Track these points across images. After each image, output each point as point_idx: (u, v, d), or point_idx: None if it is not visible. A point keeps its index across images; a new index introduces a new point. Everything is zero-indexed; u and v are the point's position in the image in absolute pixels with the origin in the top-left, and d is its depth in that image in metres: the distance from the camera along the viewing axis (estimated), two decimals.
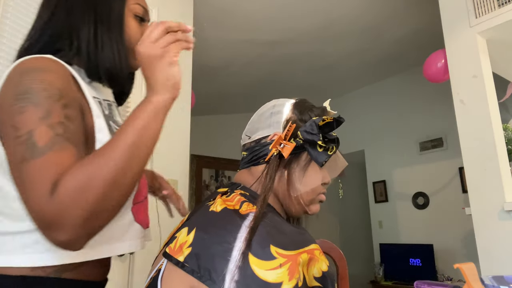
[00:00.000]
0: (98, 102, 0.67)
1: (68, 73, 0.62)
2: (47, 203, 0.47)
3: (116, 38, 0.69)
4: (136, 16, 0.74)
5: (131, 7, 0.73)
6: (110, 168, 0.50)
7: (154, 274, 0.60)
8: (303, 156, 0.69)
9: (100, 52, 0.67)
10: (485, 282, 0.64)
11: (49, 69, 0.59)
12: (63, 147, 0.52)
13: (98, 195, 0.49)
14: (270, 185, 0.64)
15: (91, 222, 0.49)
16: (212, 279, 0.51)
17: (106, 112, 0.68)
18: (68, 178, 0.48)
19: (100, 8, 0.69)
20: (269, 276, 0.51)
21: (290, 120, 0.70)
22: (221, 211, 0.60)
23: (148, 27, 0.62)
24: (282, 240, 0.55)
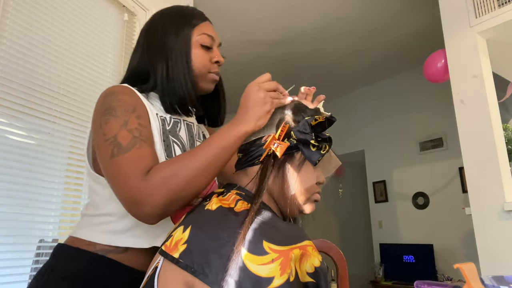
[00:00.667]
0: (162, 119, 0.81)
1: (136, 95, 0.78)
2: (139, 185, 0.63)
3: (184, 72, 0.82)
4: (203, 46, 0.85)
5: (197, 39, 0.84)
6: (193, 168, 0.65)
7: (151, 272, 0.61)
8: (297, 156, 0.70)
9: (171, 88, 0.81)
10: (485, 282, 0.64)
11: (124, 92, 0.76)
12: (142, 146, 0.68)
13: (179, 185, 0.64)
14: (264, 184, 0.65)
15: (168, 205, 0.64)
16: (205, 273, 0.52)
17: (168, 128, 0.82)
18: (160, 168, 0.64)
19: (169, 48, 0.83)
20: (261, 270, 0.52)
21: (283, 120, 0.71)
22: (216, 209, 0.61)
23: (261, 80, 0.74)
24: (275, 236, 0.56)
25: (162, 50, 0.82)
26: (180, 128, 0.84)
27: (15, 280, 1.33)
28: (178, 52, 0.82)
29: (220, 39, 0.91)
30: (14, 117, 1.37)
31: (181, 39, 0.83)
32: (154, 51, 0.83)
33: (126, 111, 0.72)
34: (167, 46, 0.82)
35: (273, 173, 0.68)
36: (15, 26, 1.40)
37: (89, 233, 0.76)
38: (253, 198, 0.63)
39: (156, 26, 0.86)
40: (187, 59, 0.82)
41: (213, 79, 0.87)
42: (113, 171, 0.66)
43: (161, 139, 0.78)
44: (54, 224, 1.48)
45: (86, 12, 1.69)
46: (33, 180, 1.41)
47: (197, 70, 0.83)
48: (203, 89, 0.87)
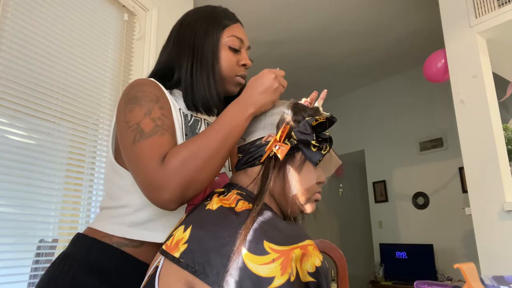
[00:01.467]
0: (184, 115, 0.82)
1: (161, 89, 0.79)
2: (158, 169, 0.64)
3: (208, 72, 0.82)
4: (231, 48, 0.85)
5: (226, 40, 0.85)
6: (208, 149, 0.67)
7: (152, 272, 0.61)
8: (297, 156, 0.70)
9: (195, 86, 0.81)
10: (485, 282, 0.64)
11: (149, 84, 0.78)
12: (163, 133, 0.69)
13: (196, 167, 0.65)
14: (267, 186, 0.65)
15: (186, 188, 0.64)
16: (206, 273, 0.52)
17: (189, 124, 0.83)
18: (175, 152, 0.65)
19: (197, 47, 0.83)
20: (262, 270, 0.52)
21: (284, 121, 0.71)
22: (217, 209, 0.61)
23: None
24: (275, 235, 0.56)
25: (190, 48, 0.83)
26: (200, 127, 0.85)
27: (15, 280, 1.33)
28: (205, 51, 0.82)
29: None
30: (14, 117, 1.37)
31: (210, 39, 0.83)
32: (182, 48, 0.84)
33: (150, 100, 0.73)
34: (195, 44, 0.83)
35: (274, 174, 0.68)
36: (15, 26, 1.40)
37: (105, 225, 0.77)
38: (255, 199, 0.62)
39: (188, 23, 0.87)
40: (213, 59, 0.82)
41: (239, 82, 0.87)
42: (134, 156, 0.67)
43: (182, 133, 0.78)
44: (54, 224, 1.48)
45: (86, 12, 1.69)
46: (33, 180, 1.41)
47: (224, 72, 0.84)
48: (228, 91, 0.87)
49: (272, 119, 0.72)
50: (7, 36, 1.37)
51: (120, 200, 0.77)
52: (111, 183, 0.80)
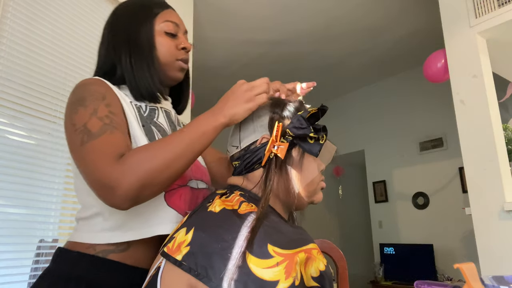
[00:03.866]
0: (137, 107, 0.80)
1: (107, 86, 0.76)
2: (111, 166, 0.61)
3: (148, 62, 0.80)
4: (167, 33, 0.83)
5: (161, 26, 0.83)
6: (169, 152, 0.64)
7: (153, 272, 0.61)
8: (295, 152, 0.70)
9: (137, 78, 0.80)
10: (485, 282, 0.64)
11: (93, 83, 0.75)
12: (113, 132, 0.67)
13: (155, 168, 0.62)
14: (271, 187, 0.65)
15: (142, 188, 0.62)
16: (209, 276, 0.52)
17: (145, 115, 0.80)
18: (135, 151, 0.64)
19: (132, 39, 0.81)
20: (266, 274, 0.51)
21: (275, 120, 0.70)
22: (220, 211, 0.60)
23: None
24: (279, 239, 0.56)
25: (125, 41, 0.81)
26: (158, 115, 0.83)
27: (15, 280, 1.33)
28: (141, 41, 0.81)
29: (220, 39, 0.91)
30: (14, 117, 1.37)
31: (144, 28, 0.81)
32: (117, 42, 0.82)
33: (95, 99, 0.70)
34: (130, 36, 0.81)
35: (276, 175, 0.67)
36: (15, 26, 1.40)
37: (86, 235, 0.73)
38: (261, 202, 0.62)
39: (119, 17, 0.85)
40: (150, 48, 0.81)
41: (181, 67, 0.85)
42: (83, 158, 0.65)
43: (139, 125, 0.76)
44: (54, 224, 1.48)
45: (86, 12, 1.69)
46: (33, 180, 1.41)
47: (164, 58, 0.82)
48: (172, 77, 0.85)
49: (261, 120, 0.71)
50: (7, 36, 1.37)
51: (94, 207, 0.74)
52: (81, 192, 0.77)
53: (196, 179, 0.83)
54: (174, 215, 0.74)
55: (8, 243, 1.35)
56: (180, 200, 0.76)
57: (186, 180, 0.79)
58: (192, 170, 0.83)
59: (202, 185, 0.84)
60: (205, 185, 0.86)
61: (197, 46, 3.14)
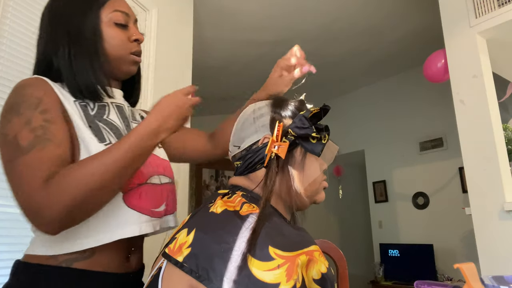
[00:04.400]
0: (83, 105, 0.74)
1: (48, 86, 0.70)
2: (40, 189, 0.57)
3: (91, 55, 0.73)
4: (117, 24, 0.76)
5: (109, 17, 0.76)
6: (104, 173, 0.59)
7: (155, 272, 0.60)
8: (297, 152, 0.70)
9: (76, 73, 0.73)
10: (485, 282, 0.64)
11: (31, 84, 0.69)
12: (45, 146, 0.61)
13: (86, 192, 0.58)
14: (272, 187, 0.64)
15: (72, 214, 0.58)
16: (210, 278, 0.51)
17: (92, 113, 0.74)
18: (65, 172, 0.58)
19: (74, 30, 0.74)
20: (267, 277, 0.51)
21: (275, 120, 0.70)
22: (221, 213, 0.60)
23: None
24: (281, 241, 0.55)
25: (65, 32, 0.74)
26: (109, 112, 0.77)
27: None
28: (85, 32, 0.73)
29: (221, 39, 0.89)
30: None
31: (89, 18, 0.74)
32: (57, 34, 0.74)
33: (29, 107, 0.64)
34: (72, 27, 0.73)
35: (278, 175, 0.67)
36: (15, 26, 1.40)
37: (44, 246, 0.67)
38: (262, 203, 0.61)
39: (59, 5, 0.77)
40: (96, 39, 0.74)
41: (135, 61, 0.80)
42: (11, 176, 0.61)
43: (86, 125, 0.70)
44: None
45: None
46: None
47: (115, 52, 0.76)
48: (125, 72, 0.80)
49: (262, 120, 0.71)
50: (7, 36, 1.37)
51: None
52: None
53: (158, 174, 0.78)
54: (136, 216, 0.71)
55: (8, 243, 1.35)
56: (140, 199, 0.72)
57: (146, 177, 0.75)
58: (152, 165, 0.78)
59: (165, 179, 0.80)
60: (169, 179, 0.82)
61: (197, 46, 3.14)
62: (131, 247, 0.76)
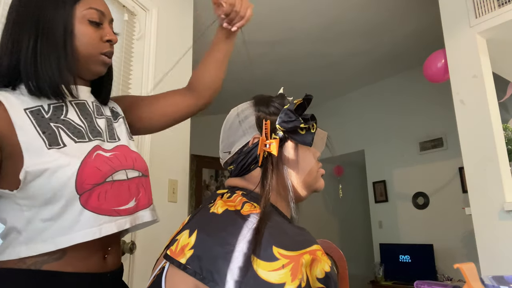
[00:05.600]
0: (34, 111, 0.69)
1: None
2: None
3: (59, 51, 0.70)
4: (91, 22, 0.73)
5: (83, 13, 0.73)
6: None
7: (157, 272, 0.60)
8: (288, 145, 0.70)
9: (40, 70, 0.68)
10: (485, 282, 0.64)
11: None
12: None
13: None
14: (270, 186, 0.65)
15: None
16: (215, 280, 0.51)
17: (47, 116, 0.70)
18: None
19: (43, 21, 0.70)
20: (272, 277, 0.51)
21: (261, 118, 0.70)
22: (223, 213, 0.60)
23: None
24: (284, 241, 0.55)
25: (33, 24, 0.69)
26: (66, 112, 0.73)
27: None
28: (54, 27, 0.70)
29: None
30: None
31: (61, 12, 0.70)
32: (25, 25, 0.70)
33: None
34: (40, 19, 0.69)
35: (274, 172, 0.67)
36: None
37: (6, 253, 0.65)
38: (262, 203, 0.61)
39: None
40: (65, 35, 0.70)
41: (105, 62, 0.77)
42: None
43: (38, 133, 0.67)
44: None
45: None
46: None
47: (85, 50, 0.73)
48: (93, 72, 0.77)
49: (248, 122, 0.71)
50: None
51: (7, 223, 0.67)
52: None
53: (124, 168, 0.75)
54: (94, 218, 0.68)
55: None
56: (99, 200, 0.69)
57: (105, 176, 0.71)
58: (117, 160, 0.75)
59: (133, 173, 0.77)
60: (138, 173, 0.78)
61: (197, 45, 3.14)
62: (107, 247, 0.74)
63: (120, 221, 0.72)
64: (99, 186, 0.69)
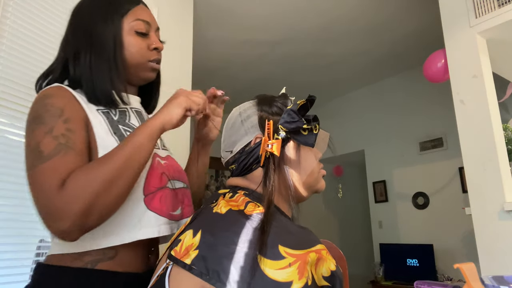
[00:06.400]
0: (105, 112, 0.76)
1: (70, 95, 0.72)
2: (55, 196, 0.58)
3: (110, 63, 0.76)
4: (138, 32, 0.79)
5: (131, 25, 0.78)
6: (109, 170, 0.62)
7: (161, 272, 0.60)
8: (290, 146, 0.70)
9: (94, 79, 0.75)
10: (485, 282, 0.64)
11: (53, 94, 0.71)
12: (66, 153, 0.63)
13: (95, 192, 0.60)
14: (272, 186, 0.64)
15: (88, 216, 0.60)
16: (222, 280, 0.51)
17: (115, 118, 0.77)
18: (73, 177, 0.60)
19: (95, 35, 0.76)
20: (279, 275, 0.51)
21: (264, 118, 0.70)
22: (226, 213, 0.60)
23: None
24: (289, 239, 0.55)
25: (88, 37, 0.76)
26: (129, 117, 0.80)
27: (15, 280, 1.33)
28: (105, 40, 0.76)
29: (220, 39, 0.89)
30: (14, 117, 1.37)
31: (110, 26, 0.76)
32: (80, 39, 0.77)
33: (52, 116, 0.67)
34: (93, 33, 0.76)
35: (276, 172, 0.67)
36: (15, 26, 1.40)
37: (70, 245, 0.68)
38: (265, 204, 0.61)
39: (84, 12, 0.79)
40: (115, 48, 0.76)
41: (153, 68, 0.83)
42: (31, 183, 0.62)
43: (111, 132, 0.73)
44: None
45: None
46: None
47: (134, 59, 0.79)
48: (143, 78, 0.83)
49: (251, 121, 0.71)
50: (7, 36, 1.37)
51: None
52: None
53: (173, 179, 0.81)
54: (155, 219, 0.72)
55: (8, 243, 1.35)
56: (160, 202, 0.74)
57: (165, 182, 0.77)
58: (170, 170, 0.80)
59: (179, 184, 0.82)
60: (182, 184, 0.83)
61: (197, 46, 3.14)
62: (151, 247, 0.79)
63: (172, 225, 0.77)
64: (161, 190, 0.75)
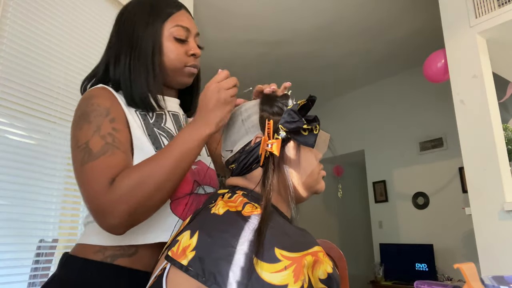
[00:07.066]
0: (142, 114, 0.79)
1: (113, 96, 0.75)
2: (105, 193, 0.62)
3: (148, 68, 0.77)
4: (177, 39, 0.80)
5: (170, 31, 0.80)
6: (160, 173, 0.65)
7: (159, 273, 0.60)
8: (290, 146, 0.69)
9: (133, 83, 0.77)
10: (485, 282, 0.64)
11: (98, 95, 0.74)
12: (113, 152, 0.67)
13: (146, 193, 0.63)
14: (271, 186, 0.64)
15: (134, 215, 0.63)
16: (218, 283, 0.51)
17: (152, 121, 0.79)
18: (124, 177, 0.63)
19: (136, 39, 0.78)
20: (274, 278, 0.51)
21: (264, 118, 0.70)
22: (224, 214, 0.60)
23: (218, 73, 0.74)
24: (286, 242, 0.55)
25: (129, 41, 0.78)
26: (165, 120, 0.82)
27: (15, 280, 1.33)
28: (145, 45, 0.77)
29: (221, 39, 0.89)
30: (14, 117, 1.37)
31: (151, 31, 0.78)
32: (122, 42, 0.79)
33: (99, 115, 0.70)
34: (134, 37, 0.78)
35: (275, 172, 0.67)
36: (15, 26, 1.40)
37: (96, 237, 0.72)
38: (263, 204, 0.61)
39: (127, 15, 0.82)
40: (154, 52, 0.78)
41: (191, 73, 0.84)
42: (81, 179, 0.65)
43: (145, 134, 0.76)
44: (54, 224, 1.48)
45: (86, 11, 1.69)
46: (33, 180, 1.41)
47: (172, 64, 0.80)
48: (180, 83, 0.84)
49: (251, 120, 0.71)
50: (7, 36, 1.37)
51: None
52: None
53: (204, 184, 0.82)
54: (179, 224, 0.74)
55: (8, 243, 1.35)
56: (185, 208, 0.76)
57: (193, 188, 0.78)
58: (200, 175, 0.81)
59: (209, 189, 0.84)
60: (213, 189, 0.85)
61: None
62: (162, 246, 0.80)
63: None
64: (187, 196, 0.77)
